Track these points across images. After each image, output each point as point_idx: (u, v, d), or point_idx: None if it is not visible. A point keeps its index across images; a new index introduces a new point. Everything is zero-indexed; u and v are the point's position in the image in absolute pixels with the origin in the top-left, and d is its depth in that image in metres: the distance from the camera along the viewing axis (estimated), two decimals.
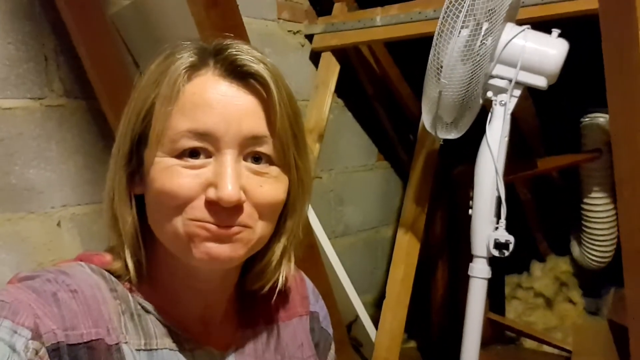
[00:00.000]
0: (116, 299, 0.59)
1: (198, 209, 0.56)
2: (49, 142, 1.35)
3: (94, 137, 1.41)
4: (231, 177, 0.56)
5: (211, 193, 0.56)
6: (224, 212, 0.56)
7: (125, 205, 0.60)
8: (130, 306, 0.60)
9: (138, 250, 0.60)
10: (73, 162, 1.39)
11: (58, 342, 0.53)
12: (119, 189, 0.60)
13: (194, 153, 0.57)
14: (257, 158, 0.59)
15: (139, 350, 0.58)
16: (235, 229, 0.57)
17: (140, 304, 0.61)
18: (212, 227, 0.57)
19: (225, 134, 0.56)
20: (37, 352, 0.51)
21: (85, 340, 0.54)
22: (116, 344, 0.56)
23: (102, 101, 1.33)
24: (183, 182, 0.56)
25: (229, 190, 0.55)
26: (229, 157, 0.57)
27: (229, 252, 0.58)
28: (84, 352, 0.54)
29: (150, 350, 0.59)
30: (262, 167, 0.59)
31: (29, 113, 1.31)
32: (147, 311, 0.61)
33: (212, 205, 0.56)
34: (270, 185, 0.59)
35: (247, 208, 0.58)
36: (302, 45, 2.00)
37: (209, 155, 0.57)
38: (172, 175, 0.56)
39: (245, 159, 0.58)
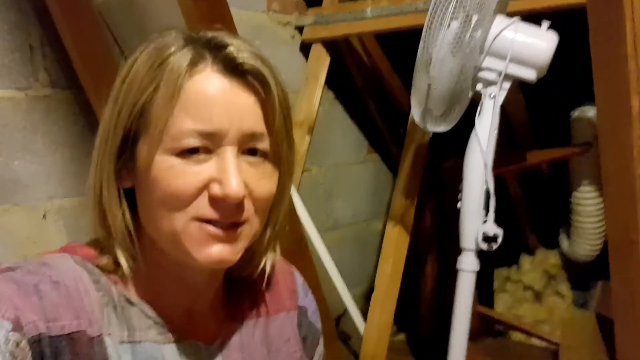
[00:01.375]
0: (99, 291, 0.58)
1: (202, 206, 0.56)
2: (34, 134, 1.33)
3: (80, 128, 1.39)
4: (235, 174, 0.56)
5: (216, 189, 0.56)
6: (229, 208, 0.57)
7: (115, 200, 0.59)
8: (113, 298, 0.59)
9: (130, 246, 0.60)
10: (59, 154, 1.37)
11: (39, 334, 0.52)
12: (107, 183, 0.59)
13: (194, 150, 0.56)
14: (253, 152, 0.59)
15: (121, 342, 0.58)
16: (239, 229, 0.58)
17: (124, 296, 0.60)
18: (216, 230, 0.57)
19: (228, 132, 0.56)
20: (18, 344, 0.50)
21: (66, 332, 0.54)
22: (98, 335, 0.56)
23: (88, 92, 1.32)
24: (187, 181, 0.56)
25: (234, 187, 0.55)
26: (230, 153, 0.57)
27: (232, 252, 0.59)
28: (65, 343, 0.53)
29: (133, 342, 0.59)
30: (258, 161, 0.59)
31: (15, 104, 1.29)
32: (131, 303, 0.60)
33: (217, 202, 0.56)
34: (267, 180, 0.60)
35: (247, 202, 0.58)
36: (292, 37, 1.98)
37: (208, 151, 0.57)
38: (175, 174, 0.56)
39: (242, 153, 0.58)
